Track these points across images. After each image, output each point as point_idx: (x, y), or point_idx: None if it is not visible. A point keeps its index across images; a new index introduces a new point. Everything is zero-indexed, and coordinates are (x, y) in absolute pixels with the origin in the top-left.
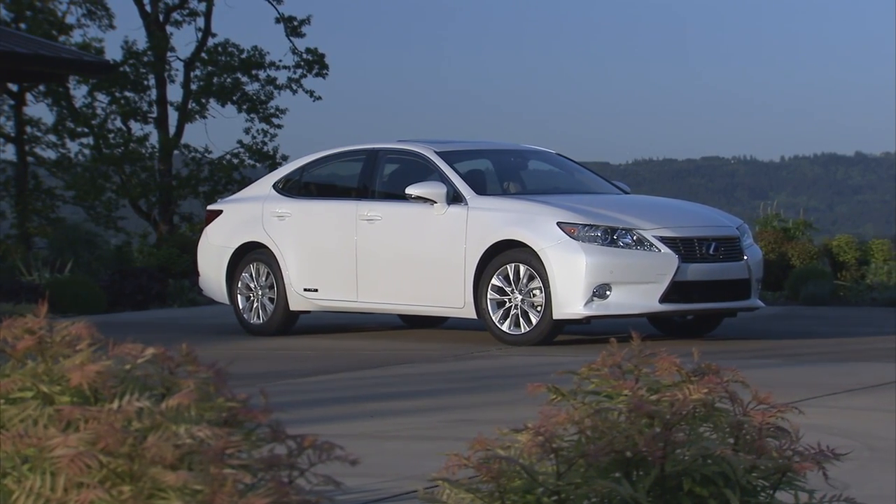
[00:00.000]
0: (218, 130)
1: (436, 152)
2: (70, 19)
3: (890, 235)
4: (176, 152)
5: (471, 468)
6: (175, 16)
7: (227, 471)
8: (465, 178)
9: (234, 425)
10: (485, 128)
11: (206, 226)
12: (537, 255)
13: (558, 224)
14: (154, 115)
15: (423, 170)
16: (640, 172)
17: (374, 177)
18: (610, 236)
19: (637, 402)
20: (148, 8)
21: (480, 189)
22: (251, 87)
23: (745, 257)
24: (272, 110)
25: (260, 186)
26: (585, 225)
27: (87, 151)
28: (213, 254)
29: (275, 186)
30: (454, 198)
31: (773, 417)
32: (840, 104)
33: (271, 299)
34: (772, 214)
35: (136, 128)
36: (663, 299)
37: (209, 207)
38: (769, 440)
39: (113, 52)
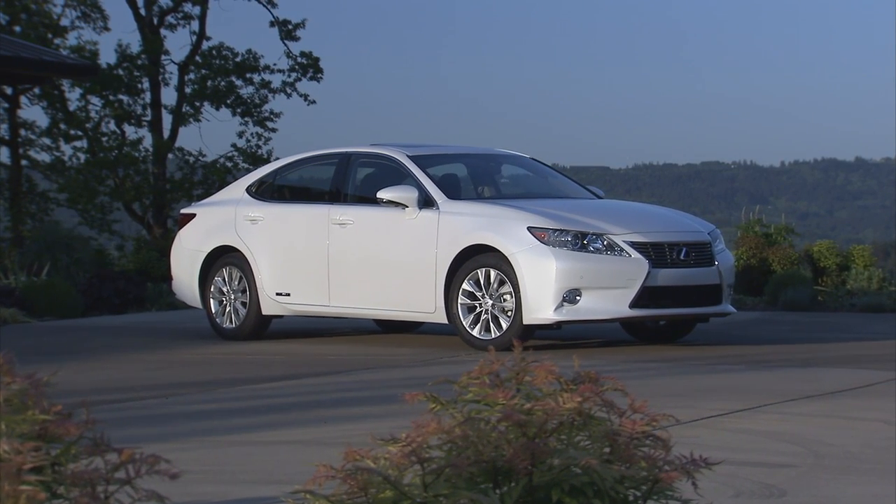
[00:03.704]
0: (212, 134)
1: (408, 156)
2: (65, 22)
3: (890, 241)
4: (170, 155)
5: (338, 479)
6: (169, 19)
7: (23, 487)
8: (438, 182)
9: (50, 439)
10: (483, 132)
11: (179, 229)
12: (508, 259)
13: (528, 229)
14: (148, 118)
15: (395, 174)
16: (641, 177)
17: (347, 181)
18: (580, 241)
19: (508, 411)
20: (142, 11)
21: (453, 193)
22: (245, 91)
23: (717, 263)
24: (266, 114)
25: (233, 190)
26: (555, 230)
27: (81, 154)
28: (186, 257)
29: (248, 190)
30: (426, 202)
31: (647, 426)
32: (840, 109)
33: (244, 303)
34: (753, 220)
35: (130, 131)
36: (633, 304)
37: (182, 211)
38: (641, 449)
39: (107, 56)
